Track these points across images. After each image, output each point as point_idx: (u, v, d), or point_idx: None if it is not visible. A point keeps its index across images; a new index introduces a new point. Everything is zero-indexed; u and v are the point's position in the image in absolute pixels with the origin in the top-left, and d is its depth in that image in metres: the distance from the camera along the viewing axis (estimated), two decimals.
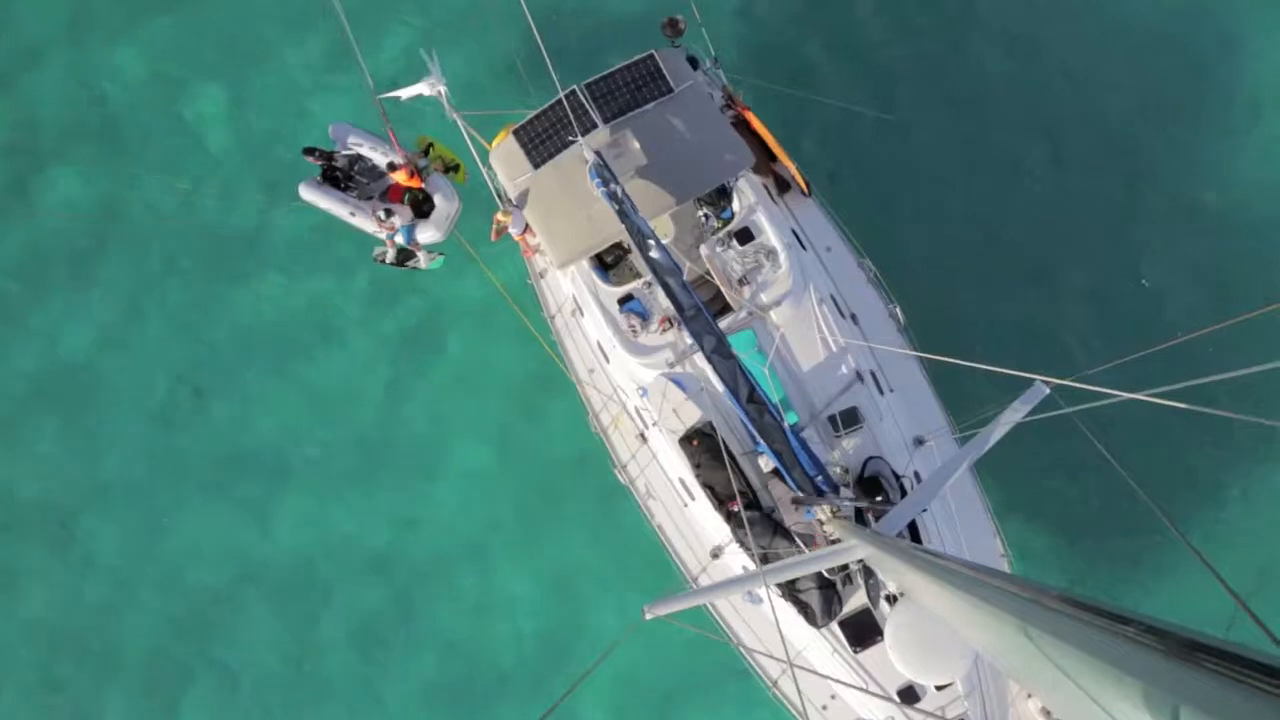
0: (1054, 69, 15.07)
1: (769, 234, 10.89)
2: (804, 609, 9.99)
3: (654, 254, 9.58)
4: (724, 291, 10.79)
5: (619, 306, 11.05)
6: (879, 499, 9.54)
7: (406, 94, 11.48)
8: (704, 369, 10.19)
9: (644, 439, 11.57)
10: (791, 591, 10.05)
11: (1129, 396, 4.44)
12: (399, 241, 13.12)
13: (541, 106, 11.28)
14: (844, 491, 9.19)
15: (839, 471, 9.88)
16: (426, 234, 13.07)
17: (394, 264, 13.51)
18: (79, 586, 14.92)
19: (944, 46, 15.26)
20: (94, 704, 14.65)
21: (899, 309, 11.60)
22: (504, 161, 11.57)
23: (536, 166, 11.28)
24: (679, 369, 10.73)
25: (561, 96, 10.67)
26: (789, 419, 9.84)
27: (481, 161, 12.19)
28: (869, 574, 9.69)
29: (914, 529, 9.95)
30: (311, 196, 13.20)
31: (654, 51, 11.31)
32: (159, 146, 15.96)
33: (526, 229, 11.68)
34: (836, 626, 10.05)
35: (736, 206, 11.15)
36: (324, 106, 15.63)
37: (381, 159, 13.22)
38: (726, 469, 9.88)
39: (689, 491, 10.89)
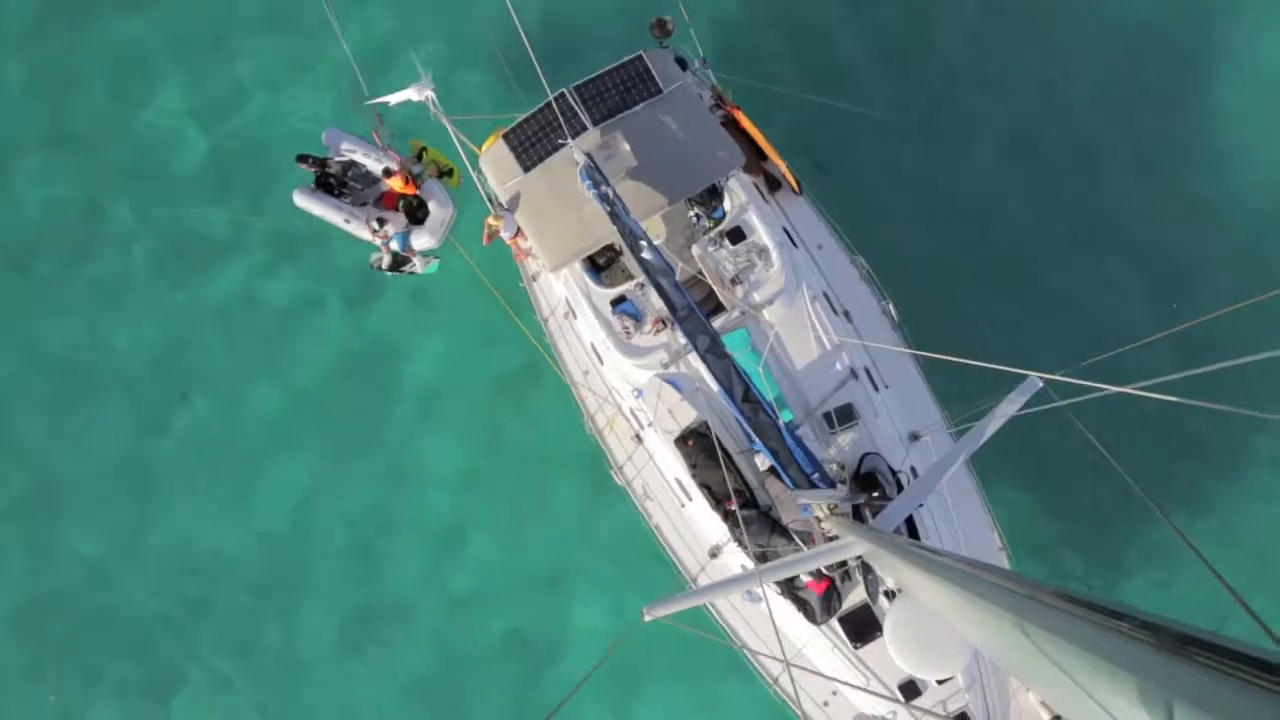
0: (1046, 66, 15.10)
1: (760, 233, 10.89)
2: (803, 606, 10.00)
3: (646, 255, 9.57)
4: (716, 291, 10.79)
5: (612, 308, 11.05)
6: (875, 495, 9.55)
7: (395, 99, 11.45)
8: (698, 369, 10.20)
9: (640, 440, 11.56)
10: (790, 589, 10.05)
11: (1120, 390, 4.44)
12: (394, 248, 13.11)
13: (531, 110, 11.27)
14: (840, 488, 9.20)
15: (835, 468, 9.88)
16: (421, 240, 13.05)
17: (389, 270, 13.51)
18: (64, 581, 14.92)
19: (935, 45, 15.27)
20: (79, 698, 14.67)
21: (892, 305, 11.60)
22: (494, 165, 11.55)
23: (527, 170, 11.27)
24: (673, 369, 10.73)
25: (551, 99, 10.65)
26: (784, 417, 9.85)
27: (472, 166, 12.18)
28: (867, 570, 9.70)
29: (911, 524, 9.97)
30: (305, 203, 13.16)
31: (642, 53, 11.30)
32: (148, 152, 15.91)
33: (518, 232, 11.67)
34: (836, 623, 10.06)
35: (728, 206, 11.15)
36: (315, 112, 15.61)
37: (375, 165, 13.20)
38: (722, 468, 9.88)
39: (686, 492, 10.89)
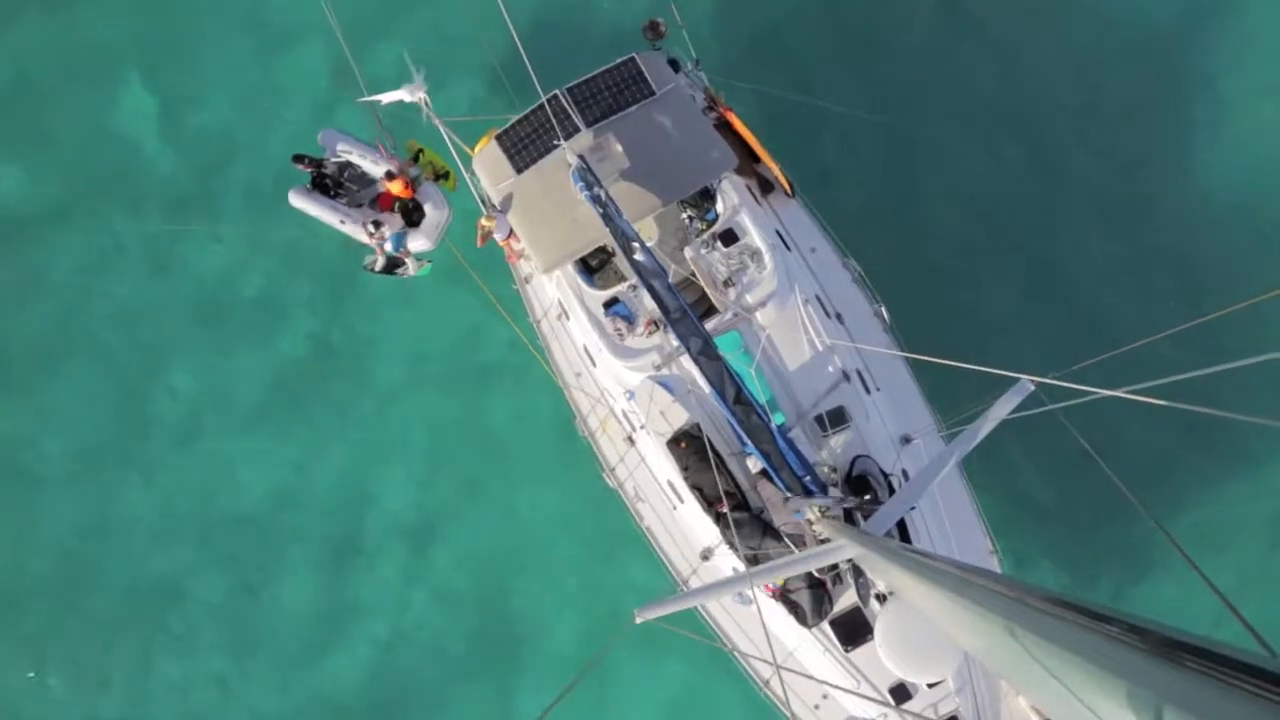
0: (1043, 69, 15.10)
1: (753, 235, 10.89)
2: (794, 609, 9.99)
3: (639, 257, 9.57)
4: (709, 293, 10.78)
5: (604, 310, 11.04)
6: (867, 498, 9.55)
7: (387, 99, 11.44)
8: (691, 371, 10.19)
9: (632, 442, 11.56)
10: (782, 591, 10.04)
11: (1111, 394, 4.45)
12: (389, 250, 13.08)
13: (523, 111, 11.25)
14: (832, 491, 9.20)
15: (827, 471, 9.88)
16: (417, 243, 13.02)
17: (382, 272, 13.49)
18: (42, 555, 14.99)
19: (928, 46, 15.28)
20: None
21: (884, 308, 11.61)
22: (487, 167, 11.54)
23: (519, 171, 11.26)
24: (665, 371, 10.72)
25: (544, 101, 10.64)
26: (776, 419, 9.84)
27: (465, 167, 12.16)
28: (859, 573, 9.69)
29: (903, 527, 9.97)
30: (301, 203, 13.13)
31: (635, 55, 11.30)
32: (141, 155, 15.85)
33: (511, 234, 11.65)
34: (827, 626, 10.06)
35: (720, 208, 11.15)
36: (308, 112, 15.56)
37: (371, 166, 13.17)
38: (714, 471, 9.87)
39: (678, 494, 10.87)
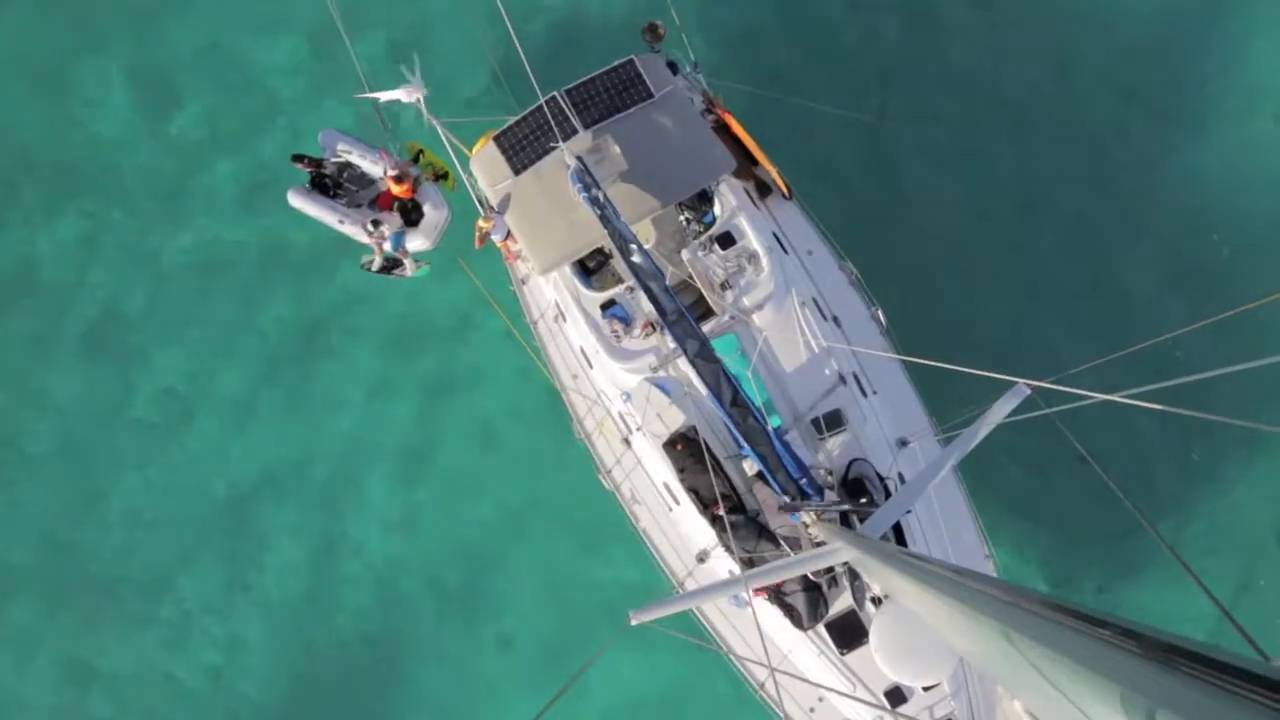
0: (1040, 71, 15.13)
1: (750, 238, 10.90)
2: (790, 611, 9.98)
3: (636, 258, 9.57)
4: (706, 296, 10.79)
5: (601, 312, 11.04)
6: (863, 501, 9.55)
7: (385, 97, 11.43)
8: (687, 373, 10.18)
9: (628, 444, 11.56)
10: (777, 594, 10.04)
11: (1106, 398, 4.45)
12: (387, 250, 13.06)
13: (521, 113, 11.25)
14: (828, 494, 9.20)
15: (823, 474, 9.88)
16: (415, 242, 13.01)
17: (380, 272, 13.48)
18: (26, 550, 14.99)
19: (926, 50, 15.31)
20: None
21: (881, 311, 11.61)
22: (484, 168, 11.53)
23: (517, 173, 11.25)
24: (662, 373, 10.72)
25: (542, 102, 10.64)
26: (772, 422, 9.85)
27: (463, 168, 12.16)
28: (854, 576, 9.68)
29: (899, 531, 9.97)
30: (300, 203, 13.10)
31: (634, 57, 11.31)
32: (139, 155, 15.85)
33: (508, 235, 11.65)
34: (823, 628, 10.06)
35: (718, 211, 11.16)
36: (304, 112, 15.56)
37: (371, 167, 13.15)
38: (711, 473, 9.87)
39: (674, 496, 10.87)
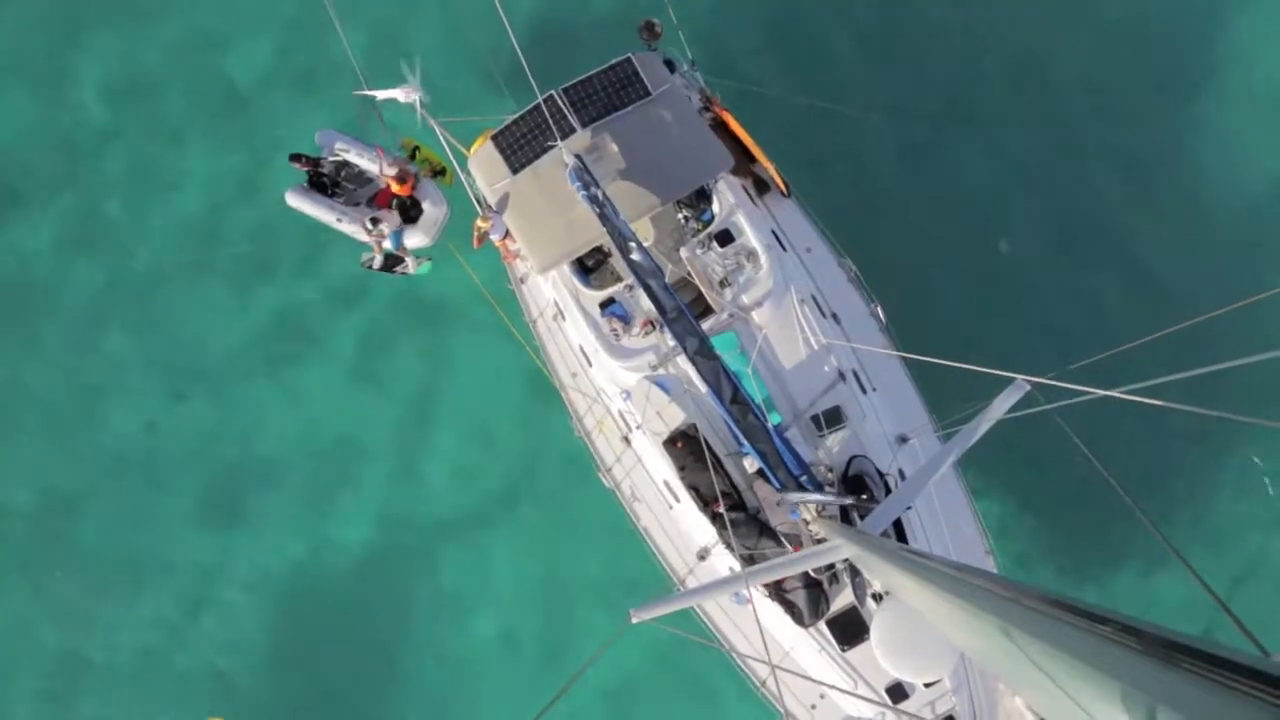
0: (1039, 71, 15.13)
1: (749, 235, 10.89)
2: (791, 609, 9.99)
3: (635, 256, 9.57)
4: (705, 293, 10.78)
5: (600, 310, 11.04)
6: (864, 497, 9.55)
7: (382, 96, 11.41)
8: (687, 371, 10.19)
9: (628, 442, 11.55)
10: (778, 591, 10.04)
11: (1106, 394, 4.46)
12: (387, 247, 13.04)
13: (519, 112, 11.24)
14: (828, 490, 9.20)
15: (823, 471, 9.88)
16: (414, 239, 12.99)
17: (381, 269, 13.44)
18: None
19: (924, 46, 15.31)
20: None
21: (880, 308, 11.62)
22: (482, 167, 11.51)
23: (515, 172, 11.23)
24: (662, 371, 10.72)
25: (539, 101, 10.62)
26: (772, 419, 9.85)
27: (461, 168, 12.14)
28: (855, 572, 9.70)
29: (899, 527, 9.98)
30: (298, 203, 13.08)
31: (631, 55, 11.28)
32: (139, 156, 15.83)
33: (507, 234, 11.64)
34: (824, 625, 10.06)
35: (716, 208, 11.15)
36: (300, 110, 15.54)
37: (369, 165, 13.13)
38: (711, 470, 9.87)
39: (674, 494, 10.88)
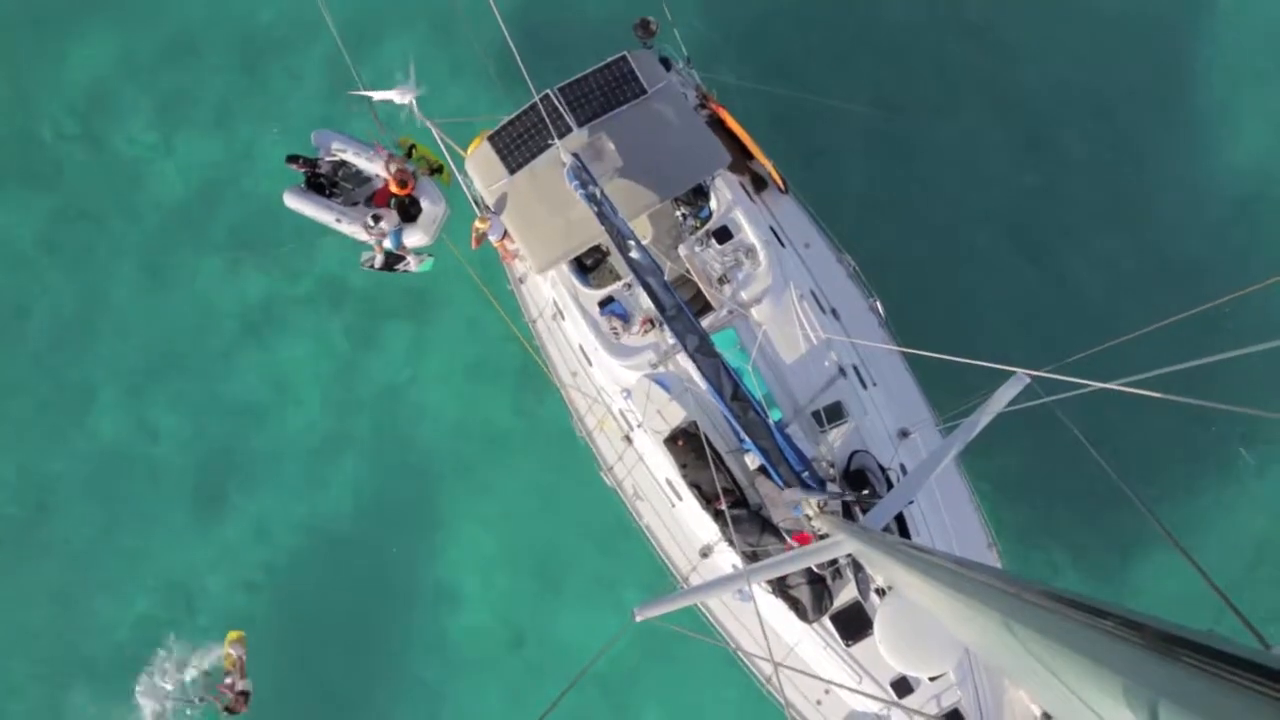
0: (1037, 65, 15.06)
1: (747, 232, 10.89)
2: (794, 604, 10.01)
3: (634, 254, 9.57)
4: (704, 290, 10.78)
5: (600, 309, 11.03)
6: (865, 492, 9.56)
7: (378, 96, 11.41)
8: (687, 368, 10.19)
9: (630, 441, 11.56)
10: (782, 587, 10.05)
11: (1105, 386, 4.45)
12: (387, 246, 13.02)
13: (515, 112, 11.23)
14: (830, 486, 9.20)
15: (825, 466, 9.89)
16: (414, 238, 12.98)
17: (382, 269, 13.42)
18: None
19: (920, 39, 15.27)
20: None
21: (879, 303, 11.61)
22: (479, 168, 11.51)
23: (512, 172, 11.22)
24: (662, 369, 10.71)
25: (536, 100, 10.60)
26: (773, 416, 9.85)
27: (457, 168, 12.13)
28: (858, 568, 9.71)
29: (902, 522, 9.99)
30: (296, 204, 13.07)
31: (626, 53, 11.27)
32: (139, 156, 15.82)
33: (505, 235, 11.64)
34: (828, 621, 10.07)
35: (714, 205, 11.14)
36: (295, 110, 15.52)
37: (366, 164, 13.11)
38: (712, 468, 9.87)
39: (676, 492, 10.88)
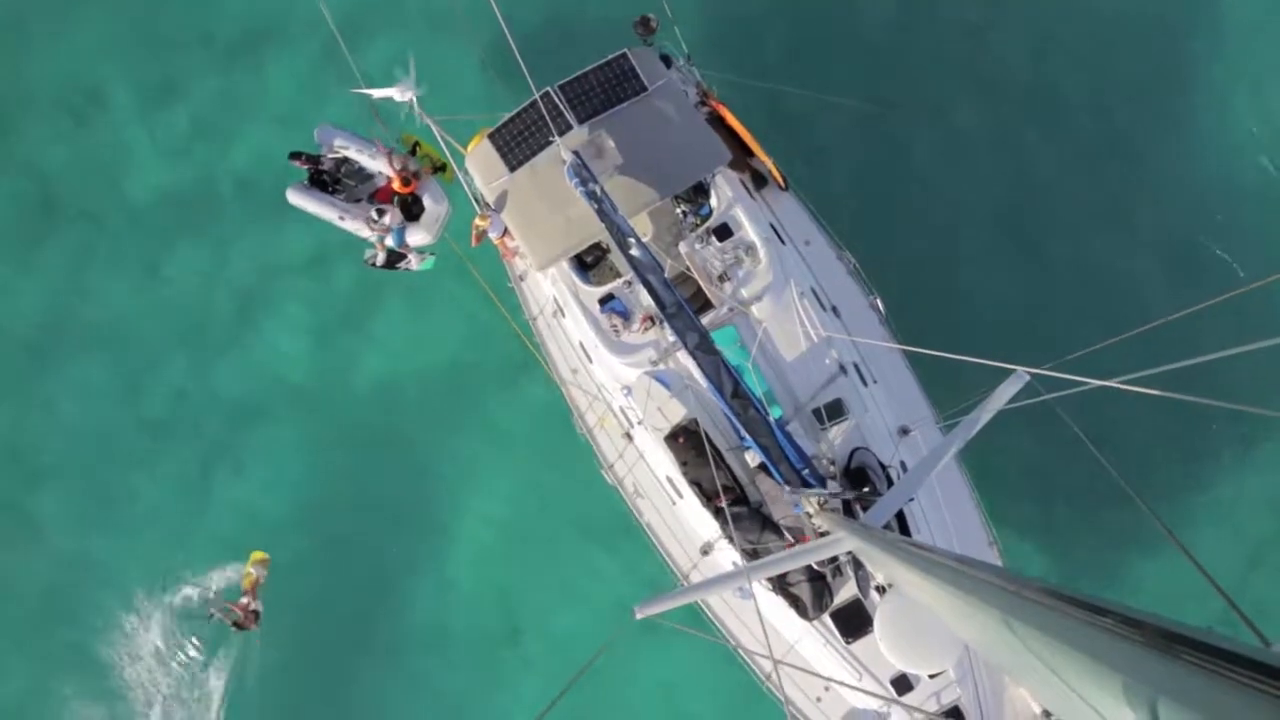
0: (1037, 61, 15.08)
1: (747, 229, 10.88)
2: (795, 602, 10.01)
3: (634, 252, 9.56)
4: (704, 288, 10.77)
5: (600, 306, 11.03)
6: (866, 490, 9.55)
7: (378, 94, 11.39)
8: (687, 366, 10.19)
9: (630, 438, 11.56)
10: (782, 584, 10.05)
11: (1105, 384, 4.45)
12: (389, 244, 12.99)
13: (515, 109, 11.22)
14: (831, 484, 9.20)
15: (825, 464, 9.88)
16: (417, 237, 12.95)
17: (384, 266, 13.39)
18: None
19: (920, 37, 15.26)
20: None
21: (879, 300, 11.60)
22: (480, 165, 11.50)
23: (513, 169, 11.21)
24: (662, 367, 10.71)
25: (536, 98, 10.58)
26: (773, 413, 9.84)
27: (458, 166, 12.12)
28: (858, 565, 9.71)
29: (902, 519, 9.99)
30: (299, 201, 13.03)
31: (627, 50, 11.26)
32: (140, 150, 15.80)
33: (505, 232, 11.63)
34: (828, 618, 10.07)
35: (714, 203, 11.14)
36: (297, 107, 15.53)
37: (369, 161, 13.07)
38: (713, 465, 9.88)
39: (677, 489, 10.88)
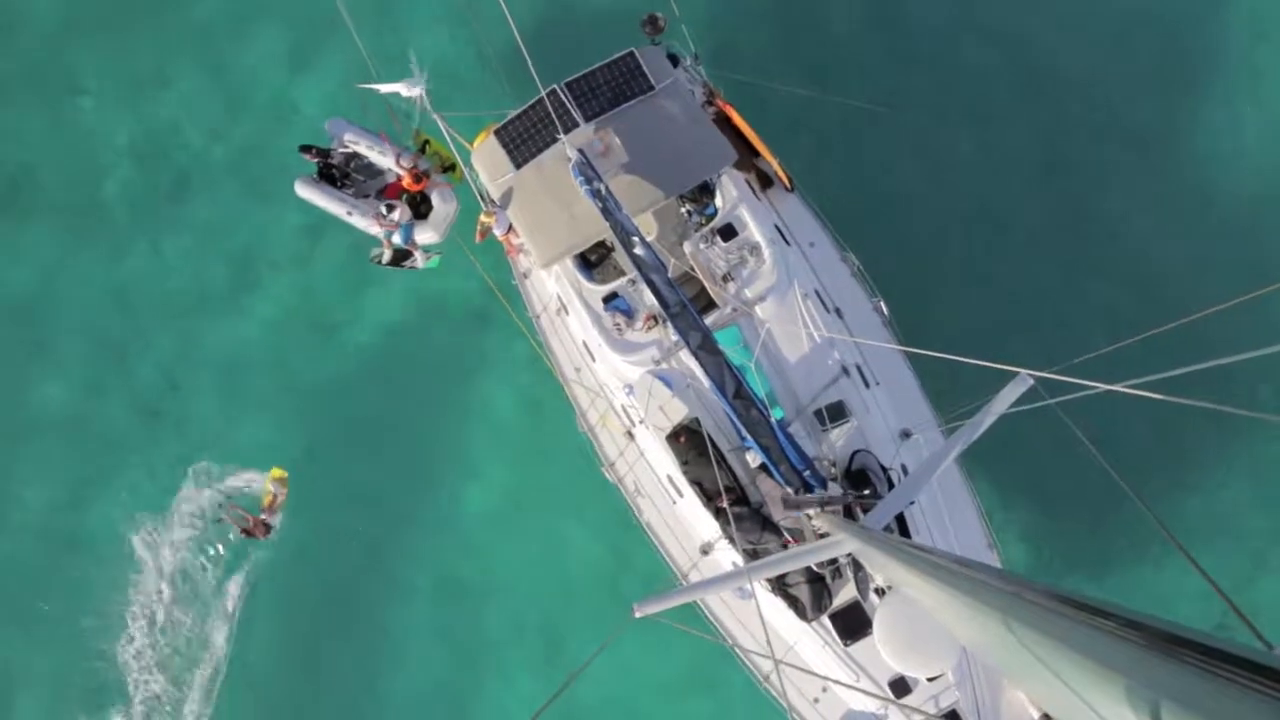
0: (1040, 63, 15.03)
1: (752, 230, 10.89)
2: (794, 603, 10.01)
3: (638, 251, 9.56)
4: (708, 288, 10.78)
5: (604, 304, 11.04)
6: (866, 492, 9.55)
7: (385, 89, 11.41)
8: (690, 365, 10.20)
9: (631, 437, 11.56)
10: (781, 585, 10.06)
11: (1109, 388, 4.45)
12: (396, 241, 12.99)
13: (522, 106, 11.24)
14: (831, 485, 9.20)
15: (826, 465, 9.89)
16: (424, 235, 12.97)
17: (390, 264, 13.39)
18: None
19: (927, 38, 15.24)
20: None
21: (883, 303, 11.60)
22: (486, 162, 11.52)
23: (518, 166, 11.24)
24: (665, 366, 10.72)
25: (543, 95, 10.60)
26: (775, 414, 9.85)
27: (464, 162, 12.14)
28: (858, 567, 9.70)
29: (903, 522, 9.99)
30: (307, 194, 13.04)
31: (634, 49, 11.28)
32: (147, 144, 15.83)
33: (510, 229, 11.65)
34: (827, 620, 10.08)
35: (719, 203, 11.14)
36: (308, 100, 15.52)
37: (379, 157, 13.08)
38: (714, 465, 9.88)
39: (677, 488, 10.89)
